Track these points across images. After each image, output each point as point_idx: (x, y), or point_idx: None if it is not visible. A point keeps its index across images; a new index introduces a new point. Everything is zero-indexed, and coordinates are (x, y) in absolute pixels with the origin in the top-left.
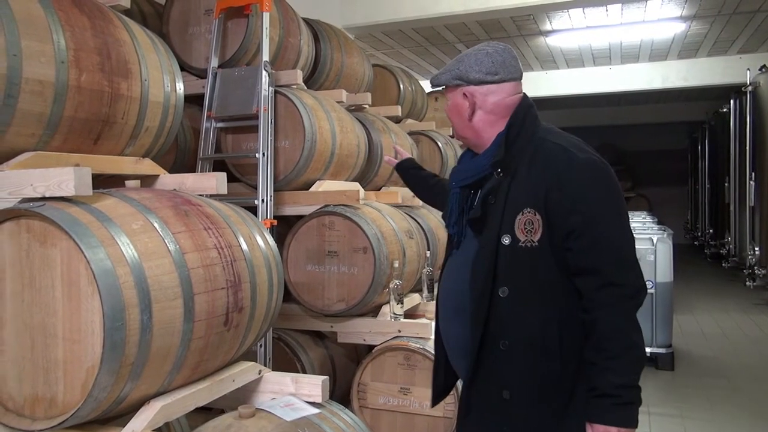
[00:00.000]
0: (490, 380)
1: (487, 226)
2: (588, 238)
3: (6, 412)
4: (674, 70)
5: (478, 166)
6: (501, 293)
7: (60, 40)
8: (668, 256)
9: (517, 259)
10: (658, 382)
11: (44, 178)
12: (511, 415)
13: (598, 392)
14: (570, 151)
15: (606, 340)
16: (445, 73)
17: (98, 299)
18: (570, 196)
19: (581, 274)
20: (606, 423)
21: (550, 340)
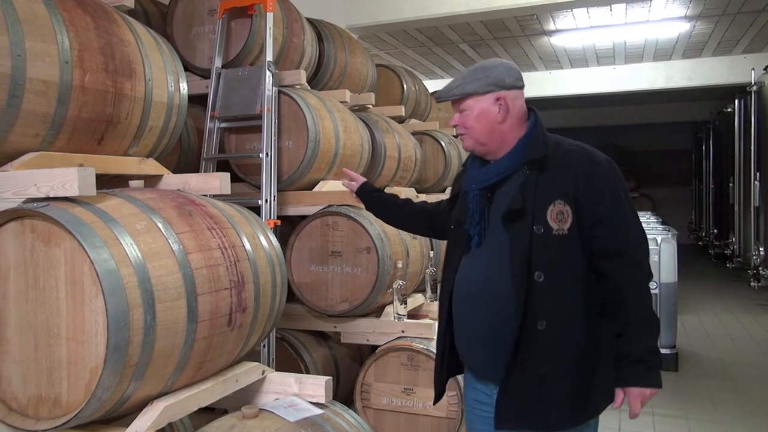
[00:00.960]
0: (529, 359)
1: (518, 217)
2: (614, 225)
3: (10, 412)
4: (678, 70)
5: (500, 167)
6: (537, 278)
7: (64, 40)
8: (673, 256)
9: (550, 246)
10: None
11: (48, 178)
12: (548, 389)
13: (632, 359)
14: (591, 152)
15: (634, 313)
16: (472, 82)
17: (102, 299)
18: (596, 190)
19: (607, 257)
20: (641, 385)
21: (580, 319)
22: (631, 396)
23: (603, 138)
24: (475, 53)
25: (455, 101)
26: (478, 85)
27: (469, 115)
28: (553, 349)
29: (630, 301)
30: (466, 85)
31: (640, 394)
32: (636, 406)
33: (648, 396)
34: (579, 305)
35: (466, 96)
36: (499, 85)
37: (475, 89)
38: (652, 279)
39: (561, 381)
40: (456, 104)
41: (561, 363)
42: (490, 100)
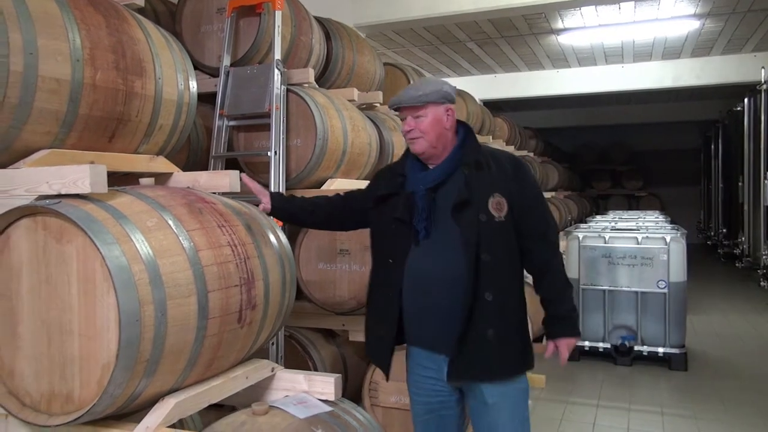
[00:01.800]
0: (479, 324)
1: (467, 209)
2: (538, 212)
3: (23, 408)
4: (687, 69)
5: (444, 169)
6: (484, 258)
7: (76, 38)
8: (682, 255)
9: (492, 231)
10: (672, 383)
11: (60, 175)
12: (494, 348)
13: (559, 317)
14: (513, 156)
15: (558, 280)
16: (428, 94)
17: (113, 296)
18: (523, 185)
19: (533, 237)
20: (569, 336)
21: (514, 291)
22: (561, 346)
23: (611, 137)
24: (483, 51)
25: (412, 107)
26: (436, 96)
27: (425, 121)
28: (497, 315)
29: (552, 271)
30: (427, 94)
31: (566, 344)
32: (565, 353)
33: (573, 344)
34: (515, 280)
35: (427, 103)
36: (449, 99)
37: (435, 99)
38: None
39: (504, 340)
40: (412, 110)
41: (502, 327)
42: (443, 110)
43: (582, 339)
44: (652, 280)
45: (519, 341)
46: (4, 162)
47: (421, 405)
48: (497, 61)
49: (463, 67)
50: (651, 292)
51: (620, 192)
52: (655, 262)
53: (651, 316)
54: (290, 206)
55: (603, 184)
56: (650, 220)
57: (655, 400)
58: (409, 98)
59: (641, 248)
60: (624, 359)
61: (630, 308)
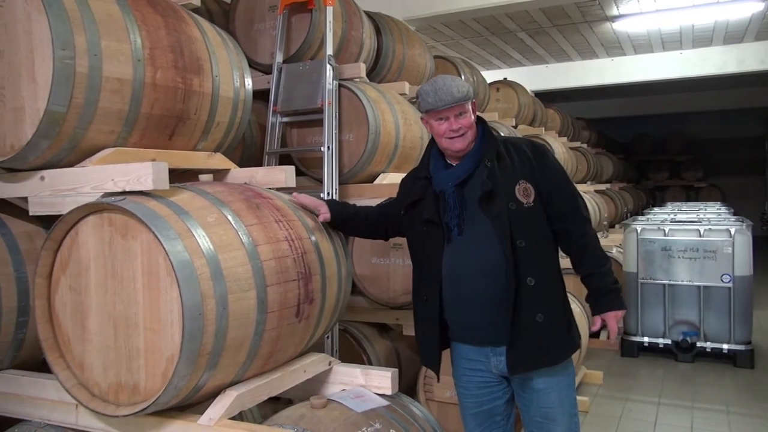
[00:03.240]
0: (527, 310)
1: (494, 201)
2: (566, 191)
3: (92, 398)
4: (751, 53)
5: (468, 165)
6: (519, 245)
7: (137, 39)
8: (747, 248)
9: (523, 217)
10: (738, 381)
11: (124, 173)
12: (545, 332)
13: (604, 290)
14: (531, 141)
15: (596, 255)
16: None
17: (177, 290)
18: (546, 168)
19: (565, 217)
20: (616, 309)
21: (555, 274)
22: (609, 319)
23: (668, 126)
24: (534, 42)
25: (456, 106)
26: (471, 93)
27: (468, 117)
28: (543, 299)
29: (590, 246)
30: (469, 91)
31: (615, 317)
32: (614, 327)
33: (620, 317)
34: (553, 262)
35: (468, 99)
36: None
37: (471, 95)
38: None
39: (554, 323)
40: (455, 109)
41: (551, 309)
42: (473, 106)
43: (641, 334)
44: (716, 274)
45: (566, 323)
46: (71, 161)
47: (470, 399)
48: (549, 50)
49: (513, 57)
50: (714, 287)
51: (678, 183)
52: (718, 255)
53: (714, 312)
54: (345, 213)
55: (660, 175)
56: (712, 212)
57: (720, 399)
58: (460, 96)
59: (704, 241)
60: (686, 356)
61: (692, 303)
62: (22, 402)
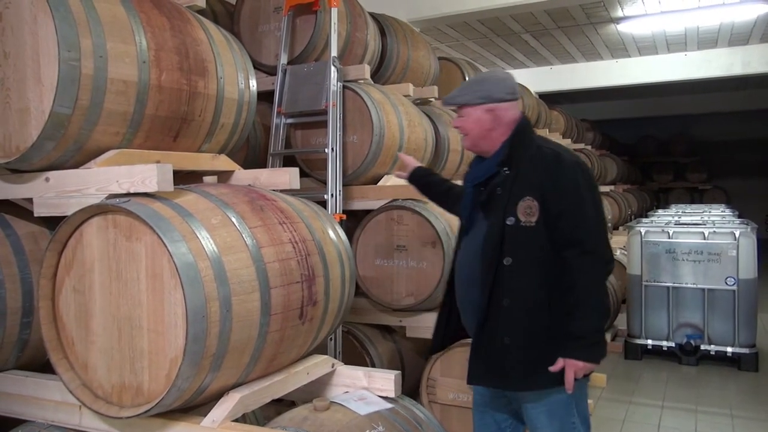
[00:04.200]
0: (495, 329)
1: (494, 211)
2: (573, 218)
3: (96, 399)
4: (757, 55)
5: (486, 167)
6: (506, 262)
7: (142, 40)
8: (752, 251)
9: (518, 235)
10: (742, 384)
11: (129, 174)
12: (510, 357)
13: (573, 335)
14: (560, 155)
15: (581, 295)
16: (465, 95)
17: (181, 292)
18: (560, 188)
19: (567, 246)
20: (577, 358)
21: (541, 300)
22: (567, 366)
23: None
24: (538, 43)
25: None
26: (469, 98)
27: (467, 120)
28: (515, 323)
29: (579, 285)
30: (461, 96)
31: (573, 366)
32: (569, 376)
33: (581, 368)
34: (542, 288)
35: (463, 105)
36: (489, 98)
37: (467, 101)
38: (608, 267)
39: (520, 351)
40: (457, 109)
41: (521, 336)
42: (482, 111)
43: (645, 337)
44: (720, 277)
45: (540, 354)
46: (76, 162)
47: (478, 395)
48: (553, 52)
49: (517, 59)
50: (719, 290)
51: (683, 185)
52: (723, 258)
53: (719, 315)
54: (428, 180)
55: (664, 176)
56: (716, 214)
57: (724, 402)
58: (449, 98)
59: (708, 243)
60: (689, 359)
61: (696, 306)
62: (26, 403)
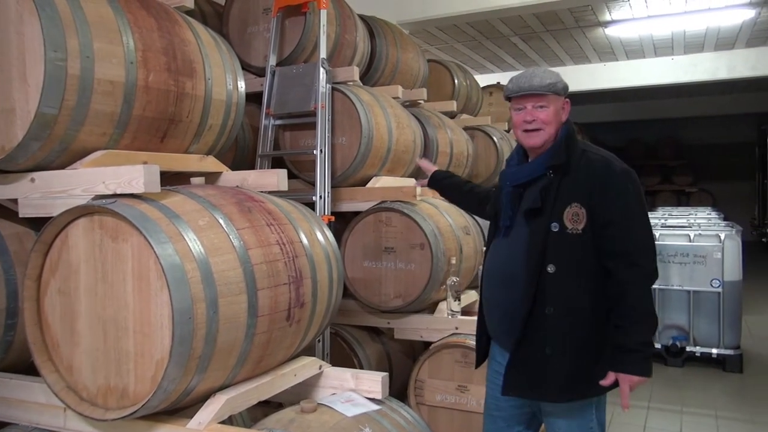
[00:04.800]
0: (535, 339)
1: (539, 216)
2: (620, 229)
3: (81, 402)
4: (742, 59)
5: (533, 168)
6: (549, 269)
7: (129, 41)
8: (737, 253)
9: (563, 242)
10: (726, 385)
11: (115, 175)
12: (551, 367)
13: (625, 348)
14: (610, 162)
15: (631, 308)
16: (555, 83)
17: (167, 294)
18: (609, 196)
19: (613, 256)
20: (632, 373)
21: (585, 309)
22: (621, 381)
23: (660, 131)
24: (527, 46)
25: (536, 96)
26: (559, 86)
27: (548, 111)
28: (557, 332)
29: (629, 296)
30: (554, 83)
31: (628, 380)
32: (625, 390)
33: (635, 383)
34: (586, 297)
35: (551, 92)
36: (566, 90)
37: (558, 89)
38: (653, 279)
39: (562, 361)
40: (533, 99)
41: (564, 346)
42: (561, 103)
43: None
44: (706, 279)
45: (586, 364)
46: (62, 163)
47: (491, 399)
48: (542, 55)
49: (506, 62)
50: (704, 292)
51: (670, 188)
52: (708, 260)
53: (704, 316)
54: (448, 182)
55: (652, 179)
56: (702, 217)
57: (708, 403)
58: (538, 85)
59: (694, 246)
60: (675, 360)
61: (681, 308)
62: (10, 405)
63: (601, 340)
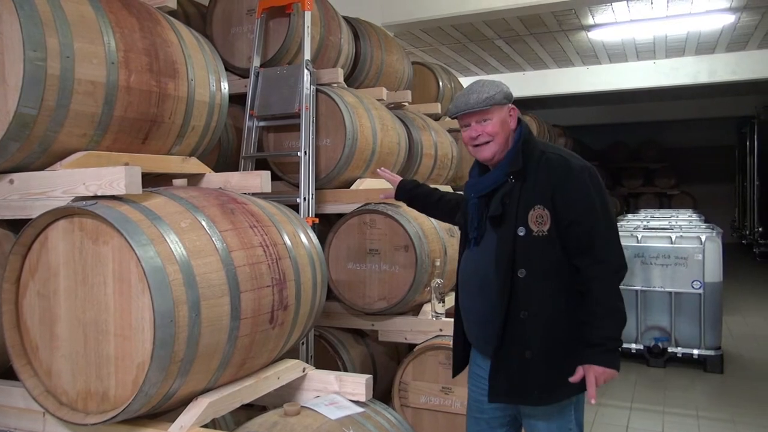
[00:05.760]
0: (514, 344)
1: (505, 222)
2: (585, 226)
3: (60, 406)
4: (722, 64)
5: (493, 178)
6: (519, 274)
7: (110, 41)
8: (717, 255)
9: (531, 246)
10: (707, 386)
11: (96, 177)
12: (532, 371)
13: (591, 343)
14: (568, 160)
15: (597, 304)
16: (494, 94)
17: (149, 296)
18: (569, 194)
19: (578, 254)
20: (596, 363)
21: (559, 310)
22: (586, 372)
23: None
24: (511, 49)
25: (475, 113)
26: (499, 97)
27: (492, 123)
28: (534, 336)
29: (594, 292)
30: (492, 96)
31: (593, 371)
32: (590, 380)
33: (601, 375)
34: (558, 297)
35: (492, 105)
36: (509, 98)
37: (498, 100)
38: (620, 275)
39: (542, 364)
40: (475, 116)
41: (542, 348)
42: (506, 111)
43: None
44: (687, 281)
45: (561, 366)
46: (42, 164)
47: (473, 402)
48: (526, 58)
49: (491, 65)
50: (685, 293)
51: (652, 190)
52: (689, 262)
53: (685, 317)
54: (417, 192)
55: (634, 182)
56: (684, 219)
57: (690, 403)
58: (475, 102)
59: (675, 248)
60: (657, 361)
61: (663, 309)
62: None
63: (577, 339)
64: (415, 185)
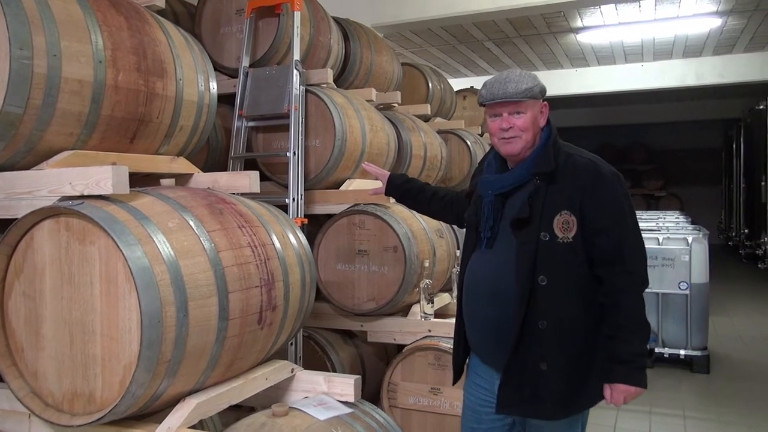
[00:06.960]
0: (529, 354)
1: (528, 226)
2: (613, 235)
3: (46, 408)
4: (709, 67)
5: (516, 176)
6: (540, 281)
7: (98, 40)
8: (704, 256)
9: (554, 252)
10: (694, 386)
11: (83, 176)
12: (547, 382)
13: (619, 359)
14: (597, 165)
15: (625, 318)
16: (532, 87)
17: (136, 297)
18: (599, 202)
19: (605, 264)
20: (627, 383)
21: (579, 320)
22: (615, 392)
23: (630, 136)
24: (500, 51)
25: (511, 103)
26: (536, 90)
27: (525, 118)
28: (552, 347)
29: (622, 305)
30: (530, 88)
31: (624, 391)
32: (618, 402)
33: (632, 394)
34: (579, 308)
35: (527, 98)
36: (544, 93)
37: (535, 93)
38: (645, 287)
39: (558, 377)
40: (509, 106)
41: (559, 360)
42: (539, 107)
43: None
44: (674, 282)
45: (581, 377)
46: (28, 163)
47: (469, 411)
48: (515, 60)
49: (480, 66)
50: (672, 294)
51: (640, 192)
52: (676, 263)
53: (672, 318)
54: (408, 187)
55: None
56: (670, 221)
57: (676, 404)
58: (513, 91)
59: (662, 249)
60: None
61: (650, 310)
62: None
63: (594, 351)
64: (405, 180)
